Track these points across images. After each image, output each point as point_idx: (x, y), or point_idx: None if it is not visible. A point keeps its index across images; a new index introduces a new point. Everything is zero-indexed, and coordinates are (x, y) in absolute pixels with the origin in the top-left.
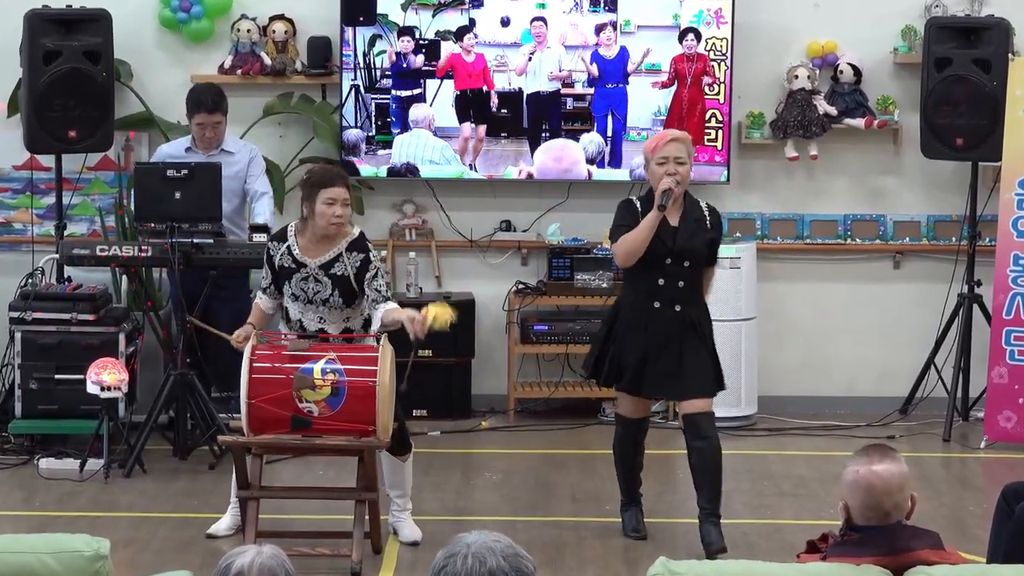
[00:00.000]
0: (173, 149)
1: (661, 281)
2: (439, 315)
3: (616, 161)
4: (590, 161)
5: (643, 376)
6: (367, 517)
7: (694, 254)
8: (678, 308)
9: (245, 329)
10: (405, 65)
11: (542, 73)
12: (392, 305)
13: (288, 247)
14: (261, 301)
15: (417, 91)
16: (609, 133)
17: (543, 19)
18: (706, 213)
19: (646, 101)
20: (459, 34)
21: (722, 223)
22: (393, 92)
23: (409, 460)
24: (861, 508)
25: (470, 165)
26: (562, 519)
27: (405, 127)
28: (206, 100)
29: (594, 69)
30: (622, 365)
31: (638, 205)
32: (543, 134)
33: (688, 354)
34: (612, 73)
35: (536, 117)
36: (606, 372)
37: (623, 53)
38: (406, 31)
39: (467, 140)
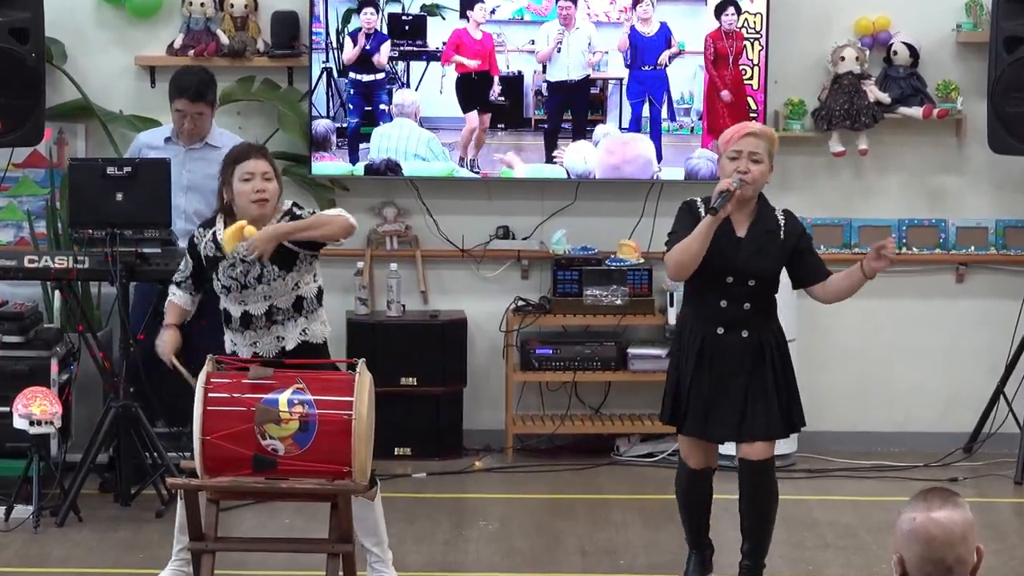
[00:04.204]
0: (152, 138)
1: (724, 303)
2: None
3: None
4: None
5: (708, 416)
6: (341, 572)
7: (761, 272)
8: (745, 334)
9: (169, 336)
10: (368, 47)
11: (566, 58)
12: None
13: (214, 233)
14: (176, 297)
15: (379, 76)
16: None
17: None
18: (781, 223)
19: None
20: (465, 5)
21: (801, 227)
22: (351, 75)
23: (377, 499)
24: (919, 562)
25: (462, 160)
26: (570, 575)
27: (375, 117)
28: (189, 86)
29: (625, 41)
30: (688, 404)
31: (701, 209)
32: (563, 126)
33: (755, 387)
34: (650, 53)
35: (558, 109)
36: (684, 414)
37: (664, 30)
38: (370, 2)
39: (472, 131)
